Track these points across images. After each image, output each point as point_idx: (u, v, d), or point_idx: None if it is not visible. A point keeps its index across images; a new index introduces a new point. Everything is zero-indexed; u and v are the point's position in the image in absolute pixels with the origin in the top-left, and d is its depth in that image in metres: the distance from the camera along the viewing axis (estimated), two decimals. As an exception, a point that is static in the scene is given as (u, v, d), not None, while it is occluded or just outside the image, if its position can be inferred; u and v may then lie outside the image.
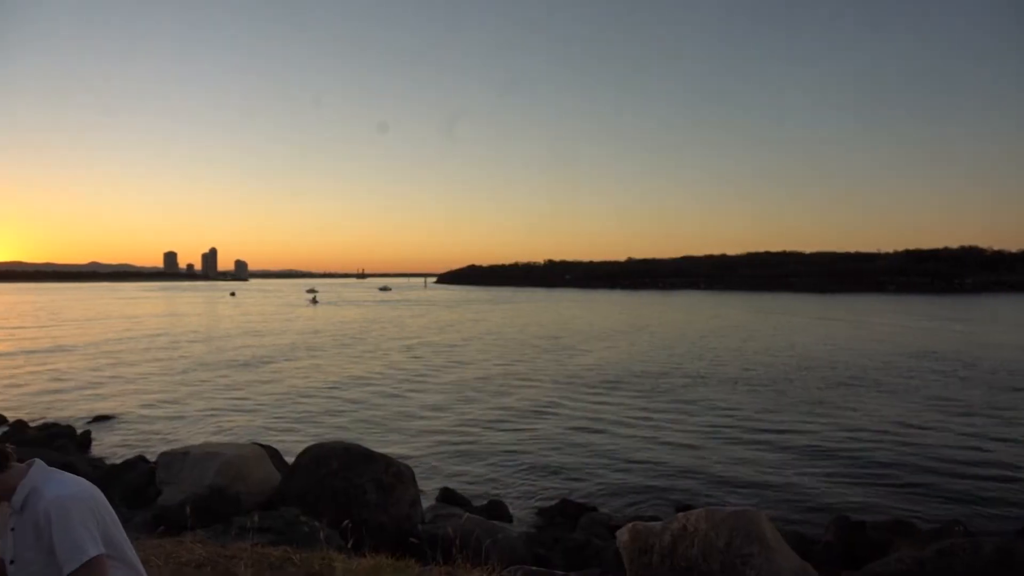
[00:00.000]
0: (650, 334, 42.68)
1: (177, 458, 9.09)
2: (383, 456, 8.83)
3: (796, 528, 9.33)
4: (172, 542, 4.65)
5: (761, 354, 30.95)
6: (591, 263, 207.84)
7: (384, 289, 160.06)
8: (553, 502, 10.85)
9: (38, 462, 2.05)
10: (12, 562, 2.01)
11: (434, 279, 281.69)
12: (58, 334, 44.12)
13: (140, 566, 2.17)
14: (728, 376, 24.20)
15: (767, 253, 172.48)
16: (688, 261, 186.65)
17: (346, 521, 5.89)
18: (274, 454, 10.67)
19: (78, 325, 53.75)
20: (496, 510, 10.14)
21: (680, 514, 5.75)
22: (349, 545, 5.36)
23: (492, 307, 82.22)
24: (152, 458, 11.69)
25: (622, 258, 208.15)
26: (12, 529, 2.00)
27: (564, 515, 10.21)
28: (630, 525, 5.94)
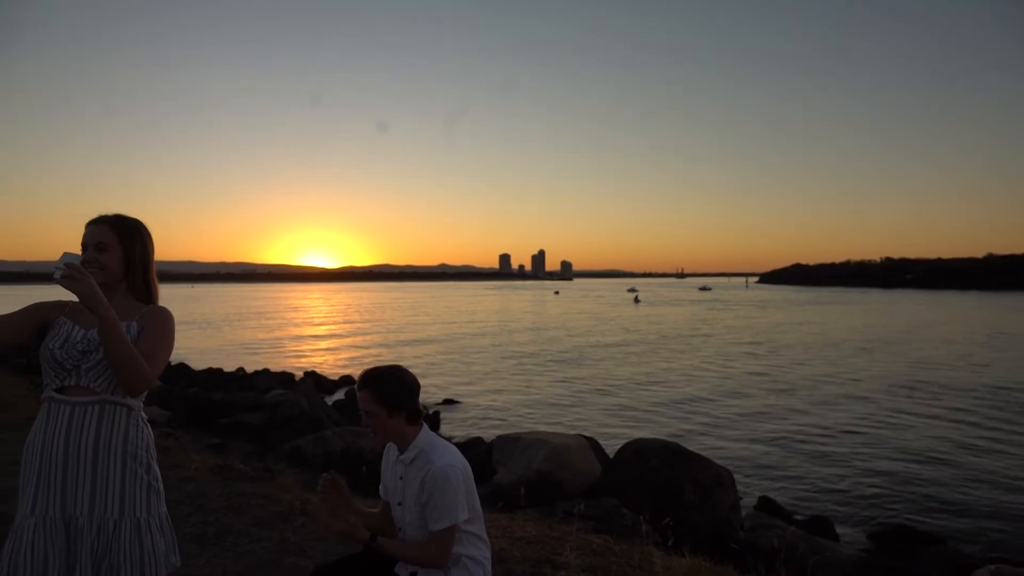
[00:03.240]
0: None
1: (510, 442, 9.92)
2: (702, 457, 8.70)
3: None
4: (506, 517, 5.08)
5: None
6: (939, 260, 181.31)
7: (704, 289, 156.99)
8: (886, 527, 9.71)
9: (425, 426, 2.40)
10: (400, 504, 2.38)
11: (756, 279, 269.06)
12: (421, 325, 51.04)
13: (485, 533, 2.44)
14: None
15: None
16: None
17: (667, 519, 5.92)
18: (596, 446, 11.10)
19: (434, 318, 61.59)
20: (821, 527, 9.35)
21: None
22: (668, 543, 5.38)
23: (819, 308, 76.04)
24: (488, 440, 12.94)
25: (979, 254, 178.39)
26: (401, 478, 2.38)
27: (901, 542, 9.07)
28: (993, 567, 5.08)
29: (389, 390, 2.31)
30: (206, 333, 45.11)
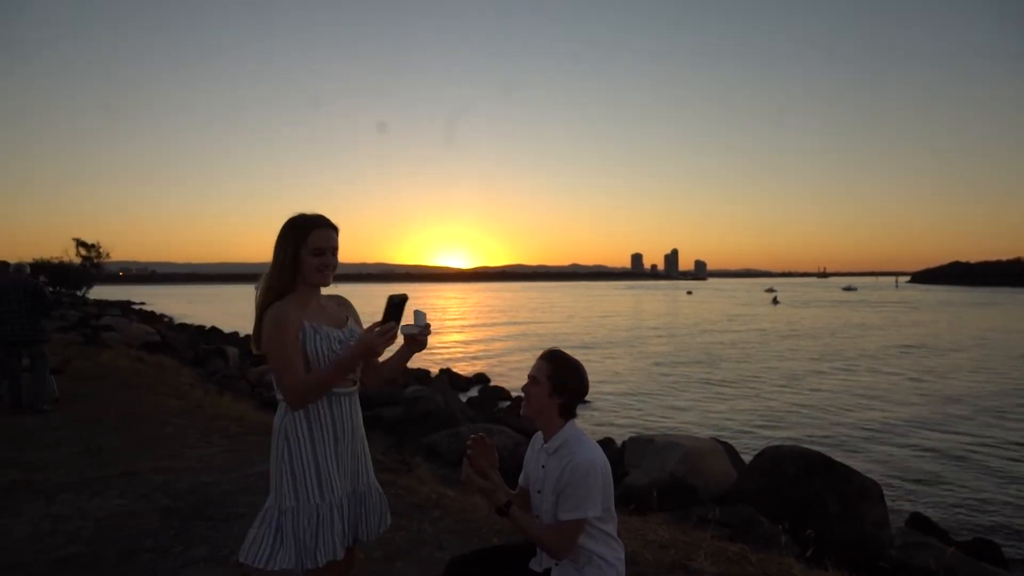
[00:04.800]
0: None
1: (642, 443, 9.83)
2: (846, 467, 8.23)
3: None
4: (638, 520, 5.06)
5: None
6: None
7: (848, 289, 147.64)
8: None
9: (573, 421, 2.46)
10: (539, 492, 2.45)
11: (906, 278, 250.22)
12: (553, 326, 51.43)
13: (616, 533, 2.45)
14: None
15: None
16: None
17: (809, 531, 5.66)
18: (730, 450, 10.77)
19: (566, 318, 61.87)
20: (985, 550, 8.56)
21: None
22: (808, 555, 5.15)
23: (981, 310, 69.58)
24: (620, 441, 12.86)
25: None
26: (543, 467, 2.44)
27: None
28: None
29: (563, 372, 2.40)
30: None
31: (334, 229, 2.37)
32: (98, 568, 3.87)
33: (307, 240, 2.30)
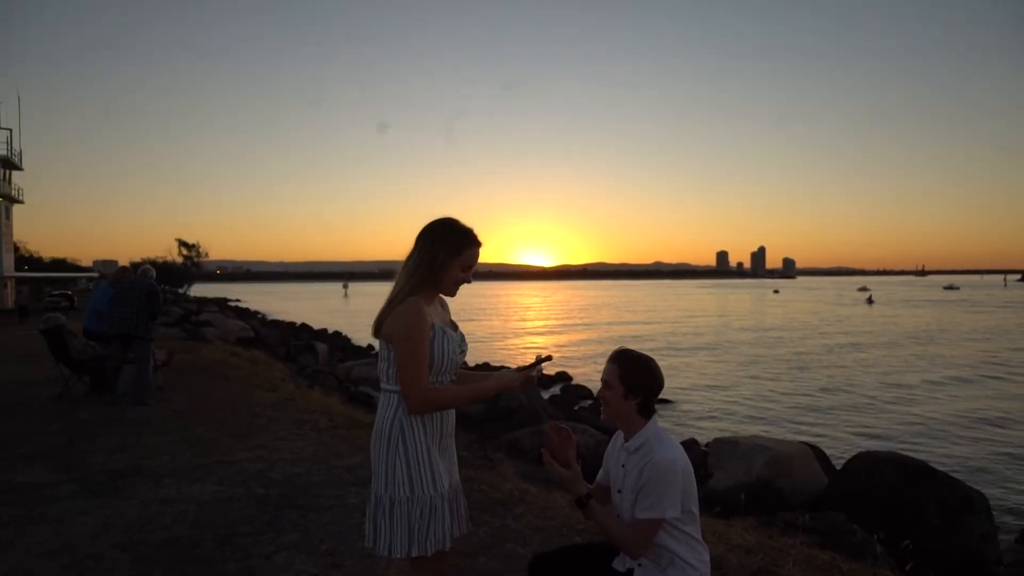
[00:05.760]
0: None
1: (727, 445, 9.60)
2: (948, 476, 7.81)
3: None
4: (723, 523, 4.95)
5: None
6: None
7: (949, 288, 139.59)
8: None
9: (655, 419, 2.44)
10: (619, 491, 2.43)
11: (1017, 276, 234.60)
12: (636, 324, 50.90)
13: (699, 535, 2.40)
14: None
15: None
16: None
17: (906, 541, 5.40)
18: (820, 455, 10.39)
19: (649, 316, 61.13)
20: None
21: None
22: (907, 568, 4.92)
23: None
24: (703, 442, 12.60)
25: None
26: (623, 465, 2.42)
27: None
28: None
29: (633, 373, 2.37)
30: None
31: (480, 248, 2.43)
32: (200, 548, 4.09)
33: (463, 253, 2.34)
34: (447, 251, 2.31)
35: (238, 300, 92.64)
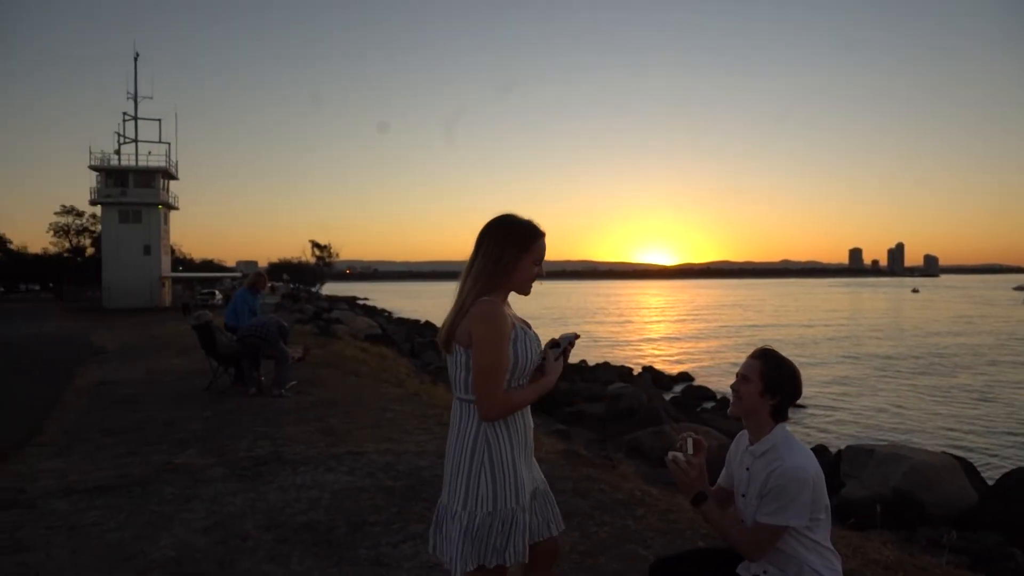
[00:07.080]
0: None
1: (862, 453, 9.10)
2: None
3: None
4: (858, 536, 4.69)
5: None
6: None
7: None
8: None
9: (784, 425, 2.36)
10: (743, 496, 2.37)
11: None
12: (763, 326, 49.10)
13: (829, 542, 2.31)
14: None
15: None
16: None
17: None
18: (969, 468, 9.65)
19: (776, 317, 58.79)
20: None
21: None
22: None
23: None
24: (835, 449, 11.99)
25: None
26: (748, 469, 2.36)
27: None
28: None
29: (776, 373, 2.30)
30: (553, 327, 48.68)
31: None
32: (334, 534, 4.34)
33: (533, 247, 2.22)
34: (515, 247, 2.19)
35: (366, 299, 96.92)
